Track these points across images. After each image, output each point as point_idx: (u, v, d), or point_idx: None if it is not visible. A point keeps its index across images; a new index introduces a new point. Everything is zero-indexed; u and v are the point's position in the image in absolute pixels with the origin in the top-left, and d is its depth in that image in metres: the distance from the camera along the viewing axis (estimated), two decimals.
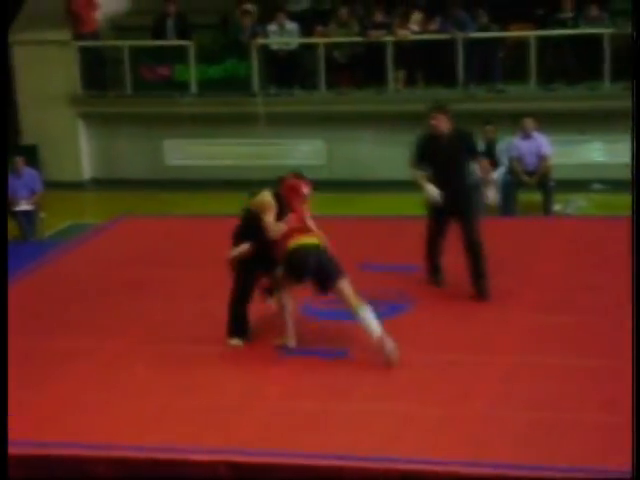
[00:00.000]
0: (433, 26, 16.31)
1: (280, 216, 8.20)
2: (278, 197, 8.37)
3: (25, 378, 7.83)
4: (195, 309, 9.23)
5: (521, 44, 16.11)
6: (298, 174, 8.69)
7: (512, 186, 14.20)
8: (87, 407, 7.32)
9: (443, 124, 9.31)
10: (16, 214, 14.24)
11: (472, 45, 16.06)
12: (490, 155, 14.31)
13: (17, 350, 8.41)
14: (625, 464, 5.91)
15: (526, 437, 6.61)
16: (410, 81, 16.54)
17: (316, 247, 8.12)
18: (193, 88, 16.98)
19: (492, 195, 9.87)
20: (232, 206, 10.31)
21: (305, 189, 8.56)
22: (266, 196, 8.32)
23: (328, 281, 7.99)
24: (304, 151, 16.83)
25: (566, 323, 8.46)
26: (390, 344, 7.77)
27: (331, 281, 7.98)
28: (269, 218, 8.11)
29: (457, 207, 9.23)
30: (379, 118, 16.35)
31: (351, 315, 8.53)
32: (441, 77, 16.46)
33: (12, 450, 6.64)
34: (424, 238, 9.51)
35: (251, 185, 15.89)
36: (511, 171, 14.26)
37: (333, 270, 8.01)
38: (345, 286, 8.00)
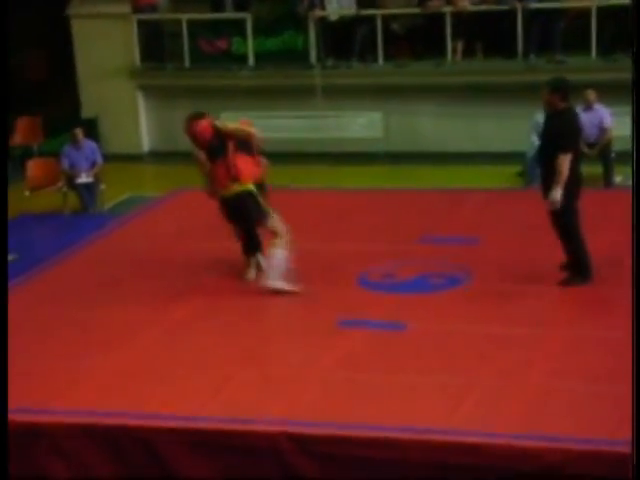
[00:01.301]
0: None
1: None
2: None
3: (88, 348, 7.93)
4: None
5: (582, 14, 15.90)
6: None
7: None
8: (149, 377, 7.39)
9: None
10: (76, 186, 14.37)
11: (532, 15, 15.88)
12: None
13: (79, 321, 8.54)
14: None
15: (583, 409, 6.57)
16: (469, 52, 16.41)
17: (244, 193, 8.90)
18: (250, 61, 16.99)
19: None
20: (289, 178, 10.36)
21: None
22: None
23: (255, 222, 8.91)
24: (361, 124, 16.77)
25: (626, 295, 8.37)
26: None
27: (258, 222, 8.89)
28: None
29: None
30: (437, 90, 16.24)
31: (409, 287, 8.56)
32: (500, 48, 16.31)
33: (77, 419, 6.77)
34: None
35: (308, 157, 16.06)
36: None
37: (257, 214, 8.84)
38: (273, 220, 8.84)
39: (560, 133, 8.57)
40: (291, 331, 8.14)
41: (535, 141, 14.16)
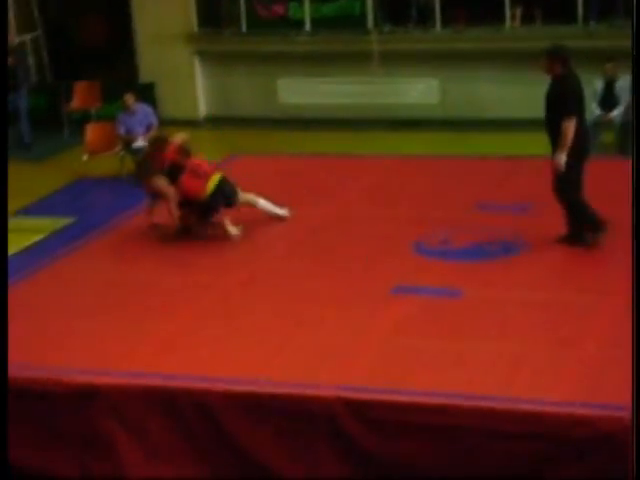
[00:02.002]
0: None
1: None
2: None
3: (147, 312, 8.02)
4: (308, 244, 9.29)
5: None
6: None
7: (631, 126, 13.86)
8: (207, 341, 7.46)
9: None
10: (133, 151, 14.46)
11: None
12: (610, 94, 14.03)
13: (138, 284, 8.63)
14: None
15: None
16: (527, 18, 16.22)
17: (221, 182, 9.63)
18: (307, 26, 16.94)
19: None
20: (345, 144, 10.35)
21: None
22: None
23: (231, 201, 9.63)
24: (418, 90, 16.67)
25: None
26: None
27: (233, 201, 9.64)
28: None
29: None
30: (495, 56, 16.08)
31: (465, 254, 8.54)
32: (559, 13, 16.10)
33: (134, 381, 6.85)
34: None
35: (364, 123, 16.02)
36: (630, 110, 13.93)
37: (232, 194, 9.65)
38: (241, 196, 9.69)
39: (562, 98, 8.74)
40: (346, 297, 8.14)
41: (594, 108, 14.04)
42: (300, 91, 17.23)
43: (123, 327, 7.75)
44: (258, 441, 6.72)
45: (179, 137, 9.81)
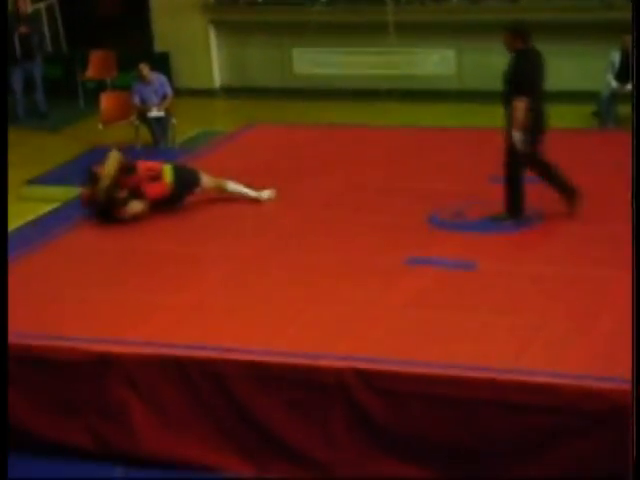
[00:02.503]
0: None
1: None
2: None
3: (157, 282, 8.05)
4: (321, 217, 9.29)
5: None
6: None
7: None
8: (220, 311, 7.48)
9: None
10: (148, 120, 14.45)
11: None
12: (627, 66, 13.94)
13: (153, 254, 8.65)
14: None
15: None
16: None
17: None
18: None
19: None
20: (360, 115, 10.32)
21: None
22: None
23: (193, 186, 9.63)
24: (434, 61, 16.60)
25: None
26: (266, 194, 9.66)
27: (195, 185, 9.63)
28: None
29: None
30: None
31: (479, 226, 8.52)
32: None
33: (149, 350, 6.88)
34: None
35: (379, 94, 15.97)
36: None
37: (193, 178, 9.65)
38: (206, 181, 9.65)
39: (518, 76, 8.78)
40: (360, 268, 8.14)
41: (611, 80, 13.96)
42: (315, 61, 17.17)
43: (138, 297, 7.77)
44: (271, 411, 6.75)
45: (114, 157, 9.65)
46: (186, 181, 9.61)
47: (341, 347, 6.79)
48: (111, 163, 9.50)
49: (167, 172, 9.53)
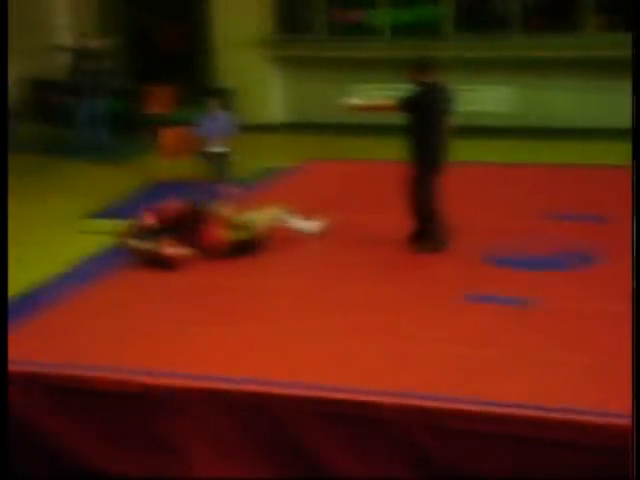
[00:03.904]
0: None
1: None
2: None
3: (212, 315, 8.11)
4: (378, 252, 9.27)
5: None
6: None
7: None
8: (276, 346, 7.47)
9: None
10: (210, 155, 14.56)
11: None
12: None
13: (204, 287, 8.68)
14: None
15: None
16: (608, 25, 16.04)
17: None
18: (386, 33, 16.93)
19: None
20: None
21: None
22: None
23: None
24: (495, 98, 16.59)
25: None
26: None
27: None
28: None
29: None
30: (575, 64, 15.94)
31: (538, 263, 8.47)
32: None
33: (199, 384, 6.89)
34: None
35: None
36: None
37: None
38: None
39: (417, 108, 9.07)
40: (419, 304, 8.12)
41: None
42: (376, 97, 17.21)
43: (189, 330, 7.80)
44: (326, 447, 6.70)
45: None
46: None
47: (399, 383, 6.75)
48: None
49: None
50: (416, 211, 9.21)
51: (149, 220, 9.42)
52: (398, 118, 9.36)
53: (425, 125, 9.06)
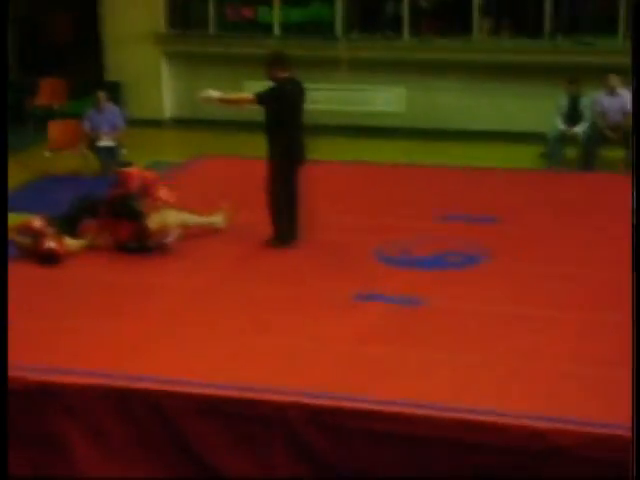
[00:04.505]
0: None
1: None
2: None
3: (106, 311, 8.00)
4: (269, 250, 9.28)
5: None
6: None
7: (594, 142, 14.00)
8: (164, 342, 7.43)
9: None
10: (98, 149, 14.39)
11: None
12: (574, 110, 14.13)
13: (99, 283, 8.59)
14: None
15: (595, 394, 6.56)
16: (496, 30, 16.31)
17: None
18: (276, 30, 16.94)
19: None
20: (311, 151, 10.34)
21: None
22: None
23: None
24: (384, 98, 16.72)
25: None
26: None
27: None
28: None
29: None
30: (462, 67, 16.17)
31: (426, 264, 8.56)
32: (527, 27, 16.21)
33: (91, 380, 6.81)
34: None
35: (329, 130, 16.03)
36: (594, 126, 14.06)
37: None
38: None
39: (274, 104, 9.16)
40: (307, 303, 8.15)
41: (558, 123, 14.14)
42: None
43: (80, 327, 7.70)
44: (214, 445, 6.69)
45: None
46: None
47: (287, 382, 6.77)
48: None
49: None
50: (269, 206, 9.30)
51: (37, 223, 9.25)
52: None
53: (279, 120, 9.15)
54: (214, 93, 9.51)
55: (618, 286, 8.33)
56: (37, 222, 9.27)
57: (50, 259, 9.03)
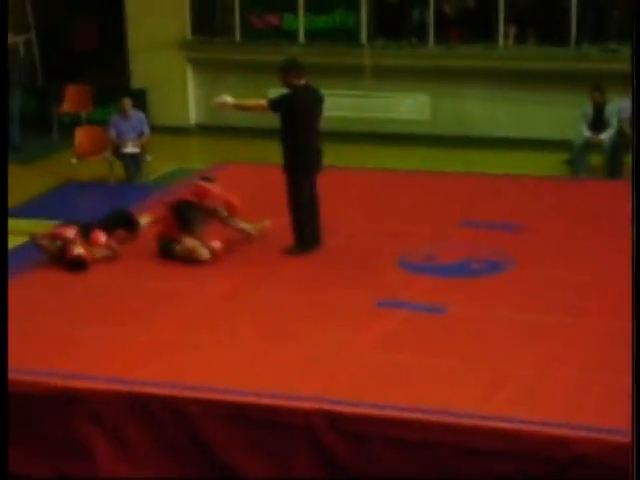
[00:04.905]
0: None
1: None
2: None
3: (127, 318, 8.01)
4: (291, 258, 9.26)
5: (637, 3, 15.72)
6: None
7: (621, 148, 13.94)
8: (187, 349, 7.44)
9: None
10: (123, 156, 14.45)
11: (586, 2, 15.72)
12: (599, 117, 14.08)
13: (122, 290, 8.62)
14: None
15: (618, 402, 6.52)
16: (521, 37, 16.27)
17: None
18: (301, 37, 16.96)
19: None
20: (334, 157, 10.34)
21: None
22: None
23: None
24: (409, 105, 16.70)
25: None
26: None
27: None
28: None
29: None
30: (487, 74, 16.14)
31: (450, 271, 8.54)
32: (553, 35, 16.16)
33: (115, 387, 6.83)
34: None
35: (354, 137, 16.03)
36: (620, 133, 13.99)
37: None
38: None
39: (289, 111, 9.13)
40: (329, 310, 8.14)
41: (584, 130, 14.09)
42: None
43: (104, 333, 7.72)
44: (235, 450, 6.71)
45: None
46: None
47: (308, 388, 6.77)
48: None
49: None
50: (290, 213, 9.28)
51: (70, 233, 9.25)
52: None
53: (292, 126, 9.11)
54: (228, 99, 9.51)
55: None
56: (70, 231, 9.25)
57: (78, 265, 9.05)
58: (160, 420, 6.76)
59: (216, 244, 9.22)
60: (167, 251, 9.24)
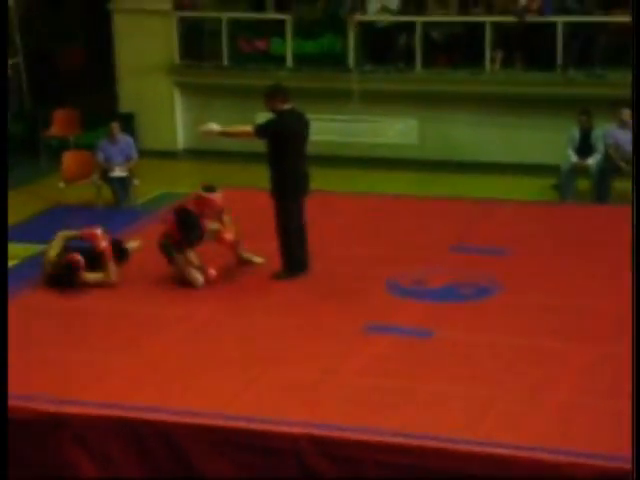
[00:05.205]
0: (535, 4, 16.02)
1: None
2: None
3: (118, 342, 7.99)
4: (279, 282, 9.26)
5: (622, 29, 15.82)
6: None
7: (608, 173, 14.00)
8: (175, 374, 7.42)
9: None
10: (110, 180, 14.45)
11: (573, 28, 15.82)
12: (586, 142, 14.15)
13: (109, 314, 8.60)
14: None
15: (607, 426, 6.53)
16: (508, 63, 16.36)
17: None
18: (289, 62, 17.02)
19: None
20: (321, 182, 10.37)
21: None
22: None
23: None
24: (397, 129, 16.77)
25: None
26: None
27: None
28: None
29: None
30: (474, 99, 16.22)
31: (438, 295, 8.53)
32: (539, 60, 16.25)
33: (102, 412, 6.81)
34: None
35: (342, 161, 16.07)
36: (607, 158, 14.06)
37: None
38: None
39: (275, 135, 9.11)
40: (318, 334, 8.13)
41: (571, 155, 14.16)
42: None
43: (91, 357, 7.70)
44: (224, 476, 6.68)
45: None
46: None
47: (297, 413, 6.76)
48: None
49: None
50: (278, 239, 9.28)
51: (76, 258, 9.21)
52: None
53: (279, 151, 9.13)
54: (214, 126, 9.50)
55: (629, 318, 8.30)
56: (76, 258, 9.23)
57: (69, 269, 9.03)
58: (148, 445, 6.74)
59: (212, 272, 9.18)
60: (167, 251, 9.20)
